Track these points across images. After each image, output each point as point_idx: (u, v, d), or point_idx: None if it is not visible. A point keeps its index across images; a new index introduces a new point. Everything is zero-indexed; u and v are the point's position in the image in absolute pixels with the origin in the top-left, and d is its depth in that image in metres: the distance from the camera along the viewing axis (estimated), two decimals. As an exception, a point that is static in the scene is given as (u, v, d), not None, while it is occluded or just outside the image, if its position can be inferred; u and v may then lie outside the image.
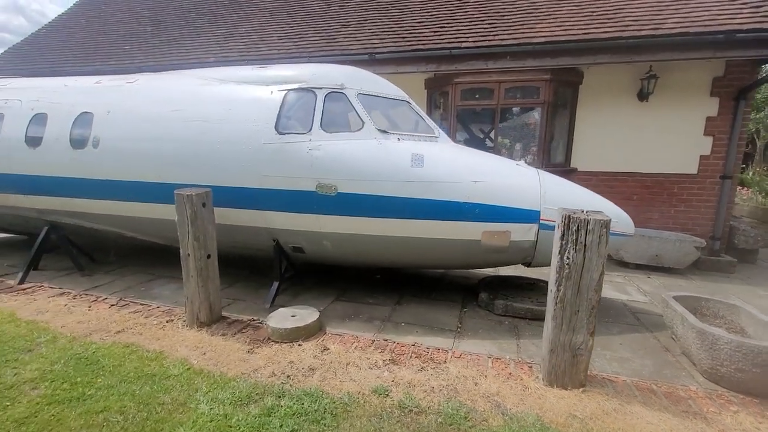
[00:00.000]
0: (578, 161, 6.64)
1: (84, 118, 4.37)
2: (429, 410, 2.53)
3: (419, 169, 3.58)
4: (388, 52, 6.45)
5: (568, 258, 2.60)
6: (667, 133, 6.20)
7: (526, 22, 6.29)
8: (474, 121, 7.04)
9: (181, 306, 4.20)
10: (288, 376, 2.92)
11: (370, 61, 6.39)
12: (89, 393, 2.66)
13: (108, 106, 4.34)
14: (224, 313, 3.94)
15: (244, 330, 3.67)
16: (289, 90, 3.88)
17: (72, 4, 11.47)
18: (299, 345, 3.37)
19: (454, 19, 6.82)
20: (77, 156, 4.31)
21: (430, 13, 7.18)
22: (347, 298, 4.48)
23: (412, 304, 4.32)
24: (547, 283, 4.71)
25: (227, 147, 3.84)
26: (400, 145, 3.73)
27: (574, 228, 2.56)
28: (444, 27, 6.69)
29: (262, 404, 2.57)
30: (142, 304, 4.19)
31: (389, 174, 3.57)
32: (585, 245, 2.55)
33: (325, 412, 2.49)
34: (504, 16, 6.60)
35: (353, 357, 3.20)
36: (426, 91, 7.09)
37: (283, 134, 3.73)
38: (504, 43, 5.97)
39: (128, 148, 4.16)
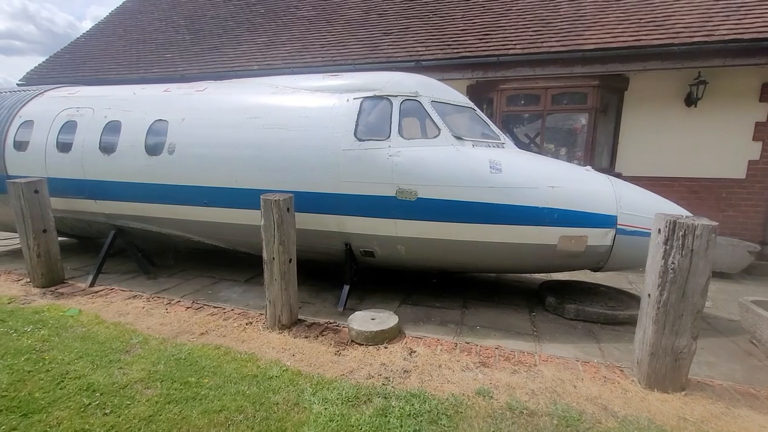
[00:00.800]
0: (623, 166, 6.67)
1: (159, 126, 4.50)
2: (539, 412, 2.57)
3: (498, 175, 3.65)
4: (434, 60, 6.55)
5: (673, 263, 2.64)
6: (714, 139, 6.21)
7: (572, 30, 6.37)
8: (519, 126, 7.10)
9: (254, 308, 4.30)
10: (386, 378, 2.98)
11: (417, 68, 6.49)
12: (203, 393, 2.73)
13: (182, 114, 4.46)
14: (300, 316, 4.01)
15: (324, 333, 3.74)
16: (364, 98, 3.98)
17: (97, 14, 11.74)
18: (385, 348, 3.43)
19: (498, 27, 6.92)
20: (153, 162, 4.44)
21: (472, 21, 7.28)
22: (413, 301, 4.54)
23: (479, 308, 4.37)
24: (608, 288, 4.79)
25: (306, 153, 3.93)
26: (477, 151, 3.80)
27: (681, 233, 2.61)
28: (488, 34, 6.78)
29: (373, 405, 2.63)
30: (215, 307, 4.28)
31: (469, 180, 3.64)
32: (692, 250, 2.59)
33: (438, 413, 2.54)
34: (549, 23, 6.68)
35: (443, 359, 3.25)
36: (468, 97, 7.16)
37: (363, 141, 3.81)
38: (553, 49, 6.05)
39: (204, 154, 4.27)
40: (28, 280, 4.91)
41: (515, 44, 6.35)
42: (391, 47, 7.10)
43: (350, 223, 4.00)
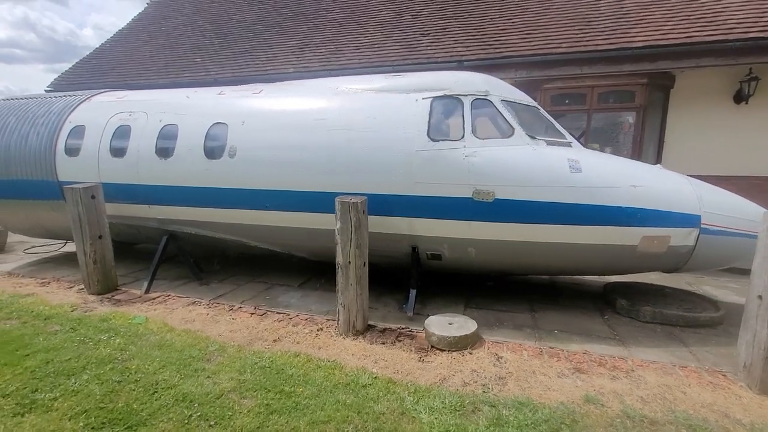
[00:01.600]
0: (669, 164, 6.54)
1: (218, 129, 4.43)
2: (660, 420, 2.47)
3: (579, 175, 3.55)
4: (477, 59, 6.48)
5: (793, 262, 2.53)
6: (766, 136, 6.10)
7: (618, 27, 6.29)
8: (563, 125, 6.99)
9: (318, 314, 4.21)
10: (483, 385, 2.87)
11: (459, 68, 6.42)
12: (303, 403, 2.64)
13: (241, 117, 4.39)
14: (368, 321, 3.92)
15: (399, 338, 3.64)
16: (434, 97, 3.90)
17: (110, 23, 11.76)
18: (470, 353, 3.33)
19: (540, 26, 6.84)
20: (212, 166, 4.36)
21: (511, 21, 7.21)
22: (476, 305, 4.44)
23: (548, 312, 4.25)
24: (673, 289, 4.67)
25: (376, 155, 3.85)
26: (553, 150, 3.71)
27: (803, 232, 2.50)
28: (531, 34, 6.71)
29: (483, 414, 2.53)
30: (279, 313, 4.19)
31: (549, 180, 3.55)
32: (816, 249, 2.49)
33: (557, 422, 2.44)
34: (592, 21, 6.60)
35: (534, 365, 3.14)
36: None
37: (437, 141, 3.73)
38: (600, 47, 5.96)
39: (267, 157, 4.20)
40: (82, 287, 4.84)
41: (560, 43, 6.27)
42: (429, 48, 7.04)
43: (421, 225, 3.91)
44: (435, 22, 7.76)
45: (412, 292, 4.17)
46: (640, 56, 5.85)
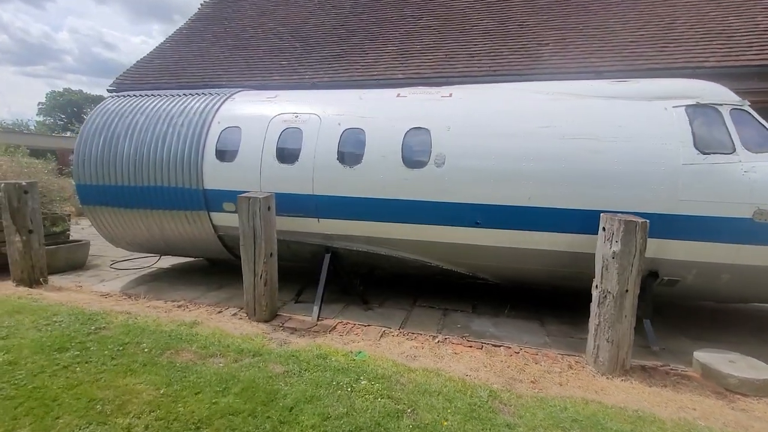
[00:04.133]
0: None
1: (417, 135, 3.92)
2: None
3: None
4: (720, 66, 6.02)
5: None
6: None
7: None
8: None
9: (538, 346, 3.68)
10: None
11: (693, 75, 5.92)
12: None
13: (445, 122, 3.90)
14: (616, 358, 3.41)
15: (668, 377, 3.16)
16: (687, 106, 3.51)
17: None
18: (781, 400, 2.87)
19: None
20: (413, 176, 3.84)
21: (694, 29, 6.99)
22: (709, 338, 3.95)
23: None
24: None
25: (628, 168, 3.42)
26: (831, 167, 3.35)
27: None
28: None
29: None
30: (495, 346, 3.64)
31: (841, 199, 3.17)
32: None
33: None
34: None
35: None
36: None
37: (707, 154, 3.33)
38: None
39: (482, 167, 3.71)
40: (235, 311, 4.19)
41: None
42: (670, 55, 6.50)
43: (673, 247, 3.46)
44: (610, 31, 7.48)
45: (647, 323, 3.69)
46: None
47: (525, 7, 8.36)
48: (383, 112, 4.16)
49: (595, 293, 3.26)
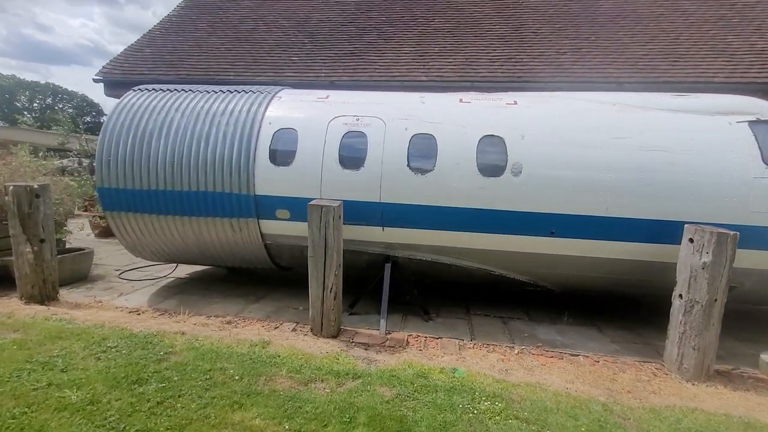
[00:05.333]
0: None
1: (490, 143, 3.85)
2: None
3: None
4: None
5: None
6: None
7: None
8: None
9: (610, 353, 3.74)
10: None
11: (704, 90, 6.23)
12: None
13: (518, 130, 3.86)
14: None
15: (745, 380, 3.33)
16: (750, 121, 3.71)
17: (176, 5, 10.36)
18: None
19: None
20: (489, 184, 3.77)
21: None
22: (755, 339, 4.21)
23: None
24: None
25: (703, 180, 3.55)
26: None
27: None
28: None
29: None
30: (573, 355, 3.66)
31: None
32: None
33: None
34: None
35: None
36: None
37: (775, 168, 3.53)
38: None
39: (558, 177, 3.71)
40: (293, 327, 3.91)
41: None
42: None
43: (740, 257, 3.63)
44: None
45: (709, 328, 3.86)
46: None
47: (536, 15, 8.54)
48: (450, 117, 4.04)
49: (678, 302, 3.36)
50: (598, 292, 4.48)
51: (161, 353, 3.02)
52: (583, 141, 3.78)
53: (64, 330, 3.34)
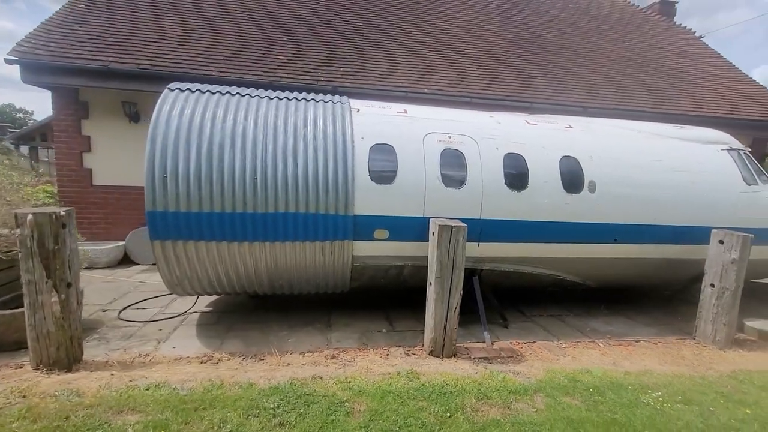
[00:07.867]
0: None
1: (568, 163, 4.33)
2: None
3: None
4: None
5: None
6: None
7: None
8: None
9: (664, 335, 4.60)
10: None
11: (706, 124, 7.59)
12: None
13: (587, 152, 4.44)
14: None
15: (745, 342, 4.50)
16: (728, 149, 4.99)
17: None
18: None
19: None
20: (572, 200, 4.25)
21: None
22: None
23: None
24: None
25: (711, 195, 4.66)
26: (789, 193, 5.30)
27: None
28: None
29: None
30: (636, 341, 4.40)
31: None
32: None
33: None
34: None
35: None
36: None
37: (749, 185, 4.82)
38: None
39: (620, 193, 4.42)
40: (406, 351, 3.79)
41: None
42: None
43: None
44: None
45: (705, 306, 5.05)
46: None
47: (500, 39, 9.50)
48: (529, 138, 4.41)
49: (710, 290, 4.34)
50: (627, 285, 5.39)
51: (334, 408, 2.65)
52: (635, 162, 4.57)
53: (183, 400, 2.64)
